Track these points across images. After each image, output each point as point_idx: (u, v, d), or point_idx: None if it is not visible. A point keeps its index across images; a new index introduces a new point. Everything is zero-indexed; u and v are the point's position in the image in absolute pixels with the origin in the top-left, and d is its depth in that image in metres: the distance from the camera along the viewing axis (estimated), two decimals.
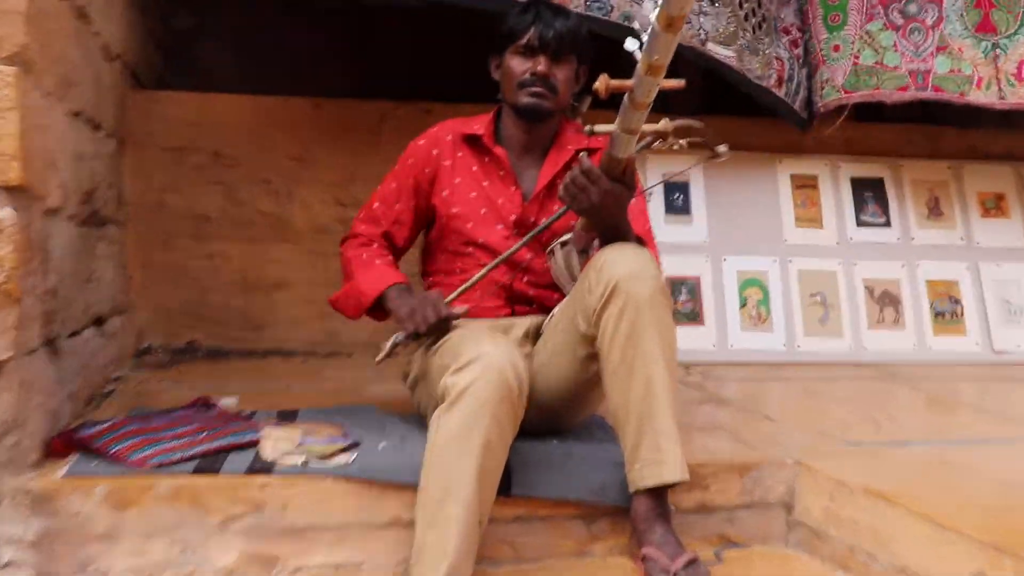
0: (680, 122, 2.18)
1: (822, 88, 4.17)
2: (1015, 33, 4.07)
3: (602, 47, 2.67)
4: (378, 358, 2.38)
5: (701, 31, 3.86)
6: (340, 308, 2.54)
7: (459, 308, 2.33)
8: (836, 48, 4.15)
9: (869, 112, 4.57)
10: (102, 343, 3.04)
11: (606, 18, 3.66)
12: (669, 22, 1.77)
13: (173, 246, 3.96)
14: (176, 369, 3.48)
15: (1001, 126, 4.97)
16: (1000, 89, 4.06)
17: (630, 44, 1.89)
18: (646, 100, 1.96)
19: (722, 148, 2.28)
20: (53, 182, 2.35)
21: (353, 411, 2.69)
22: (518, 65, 2.44)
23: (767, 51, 4.07)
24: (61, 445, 2.22)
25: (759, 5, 4.07)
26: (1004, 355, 4.16)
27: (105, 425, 2.33)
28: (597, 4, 3.67)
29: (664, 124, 2.11)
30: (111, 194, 3.41)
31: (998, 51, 4.08)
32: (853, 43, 4.15)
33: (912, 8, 4.13)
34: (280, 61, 4.68)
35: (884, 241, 4.31)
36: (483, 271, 2.41)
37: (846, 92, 4.15)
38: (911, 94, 4.15)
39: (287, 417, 2.62)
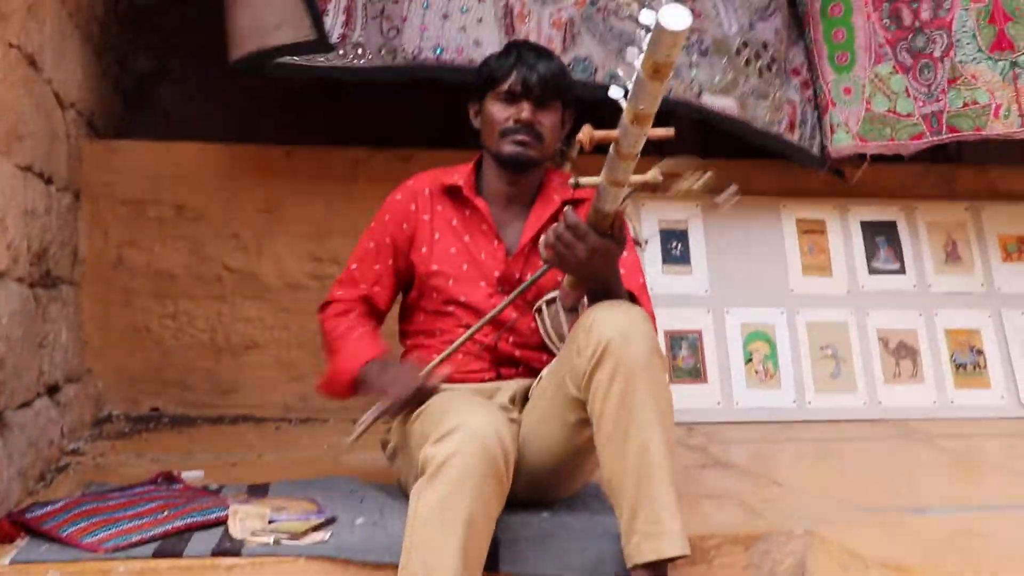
0: (669, 163, 2.17)
1: (832, 132, 4.19)
2: None
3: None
4: (351, 437, 2.38)
5: (694, 83, 3.92)
6: (330, 393, 2.54)
7: (437, 378, 2.33)
8: (847, 90, 4.18)
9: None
10: (56, 414, 3.03)
11: (591, 80, 3.76)
12: (655, 69, 1.77)
13: (134, 306, 3.96)
14: (138, 439, 3.46)
15: (1022, 163, 5.01)
16: (1022, 115, 4.08)
17: (614, 92, 1.90)
18: (633, 151, 1.97)
19: (728, 192, 2.28)
20: (1, 243, 2.36)
21: (329, 483, 2.69)
22: (500, 112, 2.46)
23: (777, 94, 4.11)
24: (9, 528, 2.20)
25: (764, 47, 4.12)
26: None
27: (58, 505, 2.32)
28: (581, 67, 3.74)
29: (653, 174, 2.10)
30: (65, 252, 3.42)
31: (1017, 70, 4.09)
32: (864, 86, 4.18)
33: (919, 42, 4.15)
34: (248, 106, 4.70)
35: (899, 289, 4.32)
36: (466, 335, 2.41)
37: (861, 140, 4.18)
38: (927, 141, 4.18)
39: (257, 491, 2.61)
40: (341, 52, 3.65)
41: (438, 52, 3.68)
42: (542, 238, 2.20)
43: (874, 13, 4.20)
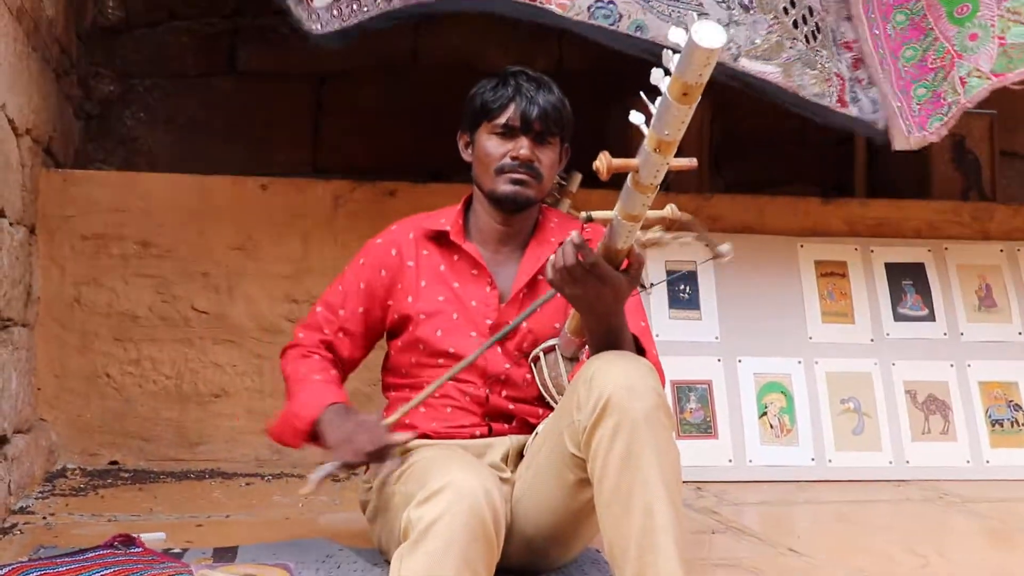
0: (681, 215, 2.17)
1: (963, 84, 4.13)
2: None
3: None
4: (303, 490, 2.35)
5: (732, 43, 3.78)
6: (280, 439, 2.55)
7: (401, 435, 2.32)
8: (973, 36, 4.10)
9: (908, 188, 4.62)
10: (2, 469, 3.03)
11: (614, 28, 3.63)
12: (684, 91, 1.76)
13: (93, 350, 3.97)
14: (94, 496, 3.45)
15: None
16: None
17: (635, 117, 1.89)
18: (653, 182, 1.95)
19: (724, 247, 2.27)
20: None
21: (303, 546, 2.69)
22: (495, 147, 2.47)
23: (827, 64, 4.01)
24: None
25: (811, 12, 3.98)
26: None
27: (2, 573, 2.31)
28: (603, 12, 3.65)
29: (671, 210, 2.09)
30: (17, 291, 3.42)
31: None
32: (993, 25, 4.11)
33: None
34: (220, 135, 4.73)
35: (927, 337, 4.33)
36: (438, 380, 2.39)
37: (997, 75, 4.09)
38: None
39: (225, 555, 2.61)
40: (335, 12, 3.62)
41: None
42: (550, 259, 2.18)
43: None
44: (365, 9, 3.61)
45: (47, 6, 3.75)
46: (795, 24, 3.94)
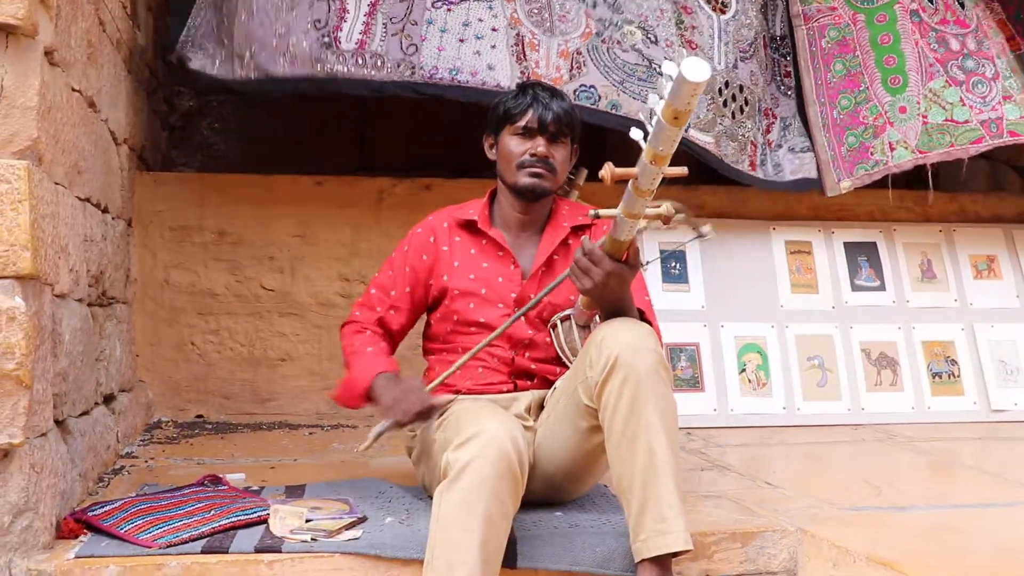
0: (676, 204, 2.20)
1: (892, 149, 4.17)
2: None
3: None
4: (361, 447, 2.39)
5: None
6: (343, 402, 2.55)
7: (442, 397, 2.35)
8: (902, 110, 4.14)
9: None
10: (111, 421, 3.05)
11: (594, 107, 3.77)
12: (675, 116, 1.81)
13: (180, 323, 4.00)
14: (184, 444, 3.47)
15: (990, 189, 5.03)
16: None
17: (635, 134, 1.93)
18: (650, 188, 1.99)
19: (706, 228, 2.31)
20: (63, 267, 2.38)
21: (359, 485, 2.71)
22: (517, 146, 2.48)
23: (747, 134, 4.14)
24: (72, 525, 2.22)
25: (740, 90, 4.13)
26: (1001, 414, 4.17)
27: (115, 504, 2.34)
28: (586, 94, 3.75)
29: (666, 208, 2.12)
30: (119, 274, 3.45)
31: None
32: (919, 103, 4.16)
33: (969, 64, 4.16)
34: (283, 140, 4.74)
35: (879, 304, 4.33)
36: (472, 351, 2.42)
37: (920, 152, 4.16)
38: (987, 144, 4.15)
39: (294, 492, 2.63)
40: (359, 61, 3.64)
41: (453, 73, 3.68)
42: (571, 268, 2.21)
43: (922, 40, 4.20)
44: (388, 70, 3.66)
45: (139, 37, 3.76)
46: (724, 103, 4.10)
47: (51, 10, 2.23)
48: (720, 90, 4.10)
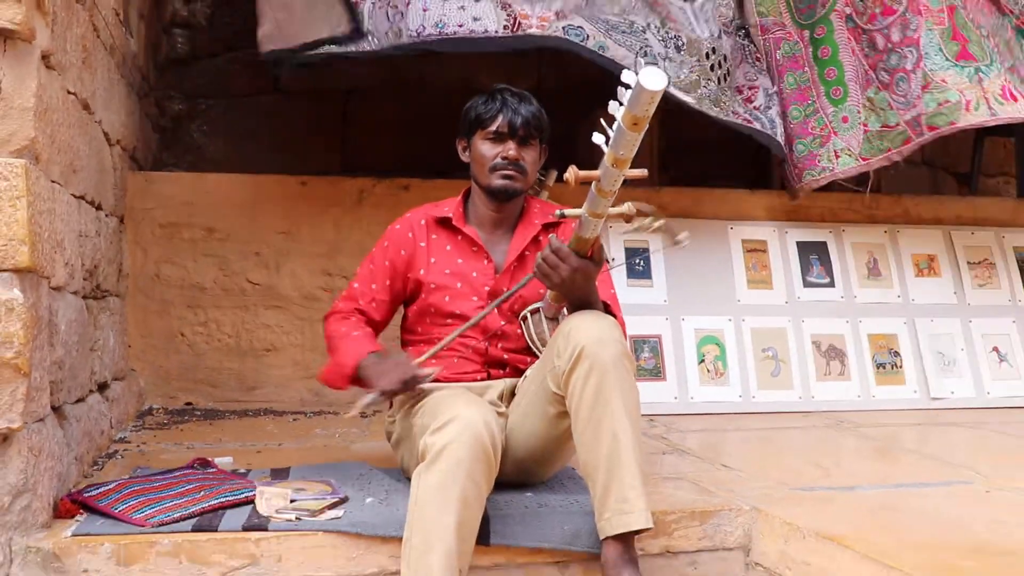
0: (639, 204, 2.21)
1: (837, 157, 4.20)
2: (991, 64, 4.09)
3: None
4: (348, 413, 2.37)
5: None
6: (329, 383, 2.54)
7: (427, 369, 2.35)
8: (845, 119, 4.18)
9: None
10: (105, 408, 3.04)
11: (583, 43, 3.67)
12: (634, 122, 1.83)
13: (169, 315, 3.97)
14: (175, 429, 3.46)
15: (931, 193, 5.09)
16: (990, 107, 4.03)
17: (597, 138, 1.95)
18: (612, 189, 2.01)
19: (682, 235, 2.32)
20: (59, 261, 2.37)
21: (341, 467, 2.71)
22: (488, 150, 2.47)
23: (727, 103, 4.09)
24: (69, 505, 2.22)
25: (724, 59, 4.07)
26: (939, 402, 4.23)
27: (110, 486, 2.33)
28: (574, 32, 3.68)
29: (628, 208, 2.14)
30: (112, 268, 3.43)
31: (980, 75, 4.07)
32: (859, 112, 4.19)
33: (893, 60, 4.15)
34: (267, 142, 4.72)
35: (829, 300, 4.36)
36: (451, 335, 2.43)
37: (864, 159, 4.19)
38: (915, 143, 4.17)
39: (279, 474, 2.63)
40: (354, 47, 3.61)
41: (440, 27, 3.56)
42: (537, 260, 2.22)
43: (856, 46, 4.22)
44: (377, 41, 3.60)
45: (132, 43, 3.73)
46: (712, 68, 4.02)
47: (48, 16, 2.22)
48: (707, 54, 4.00)
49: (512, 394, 2.49)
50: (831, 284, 4.40)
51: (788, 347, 4.20)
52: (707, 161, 5.34)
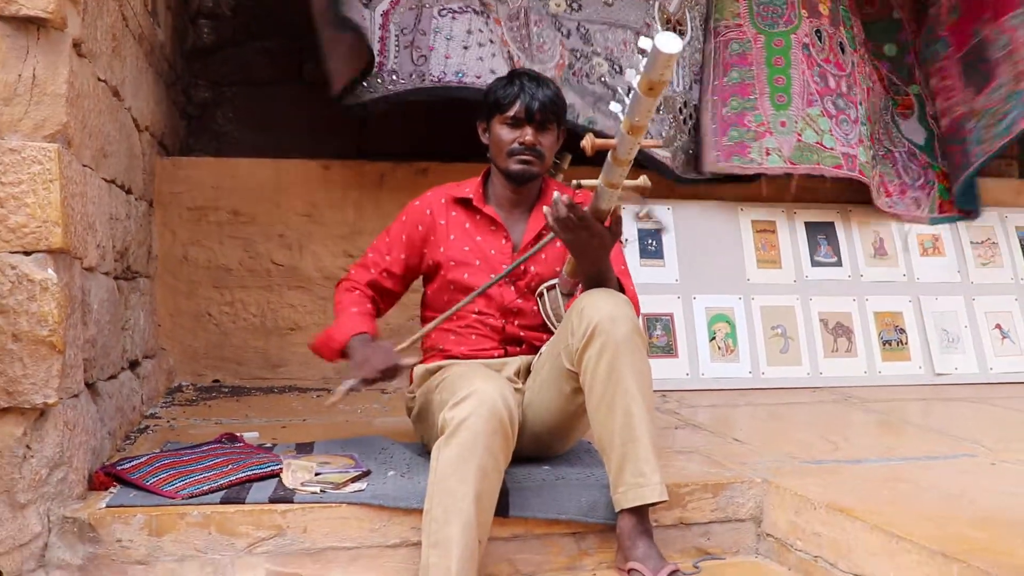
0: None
1: (767, 155, 4.22)
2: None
3: None
4: (328, 400, 2.39)
5: (647, 135, 3.89)
6: (318, 352, 2.55)
7: (409, 359, 2.34)
8: (783, 123, 4.23)
9: None
10: (136, 385, 3.05)
11: (574, 120, 3.80)
12: (650, 87, 1.80)
13: (197, 295, 3.98)
14: (203, 406, 3.47)
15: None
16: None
17: (614, 107, 1.92)
18: (628, 157, 1.99)
19: (648, 209, 2.30)
20: (91, 243, 2.37)
21: (363, 442, 2.71)
22: (506, 135, 2.45)
23: (689, 147, 4.31)
24: (103, 478, 2.23)
25: (686, 105, 4.26)
26: (944, 377, 4.21)
27: (141, 460, 2.34)
28: (567, 111, 3.73)
29: (644, 180, 2.12)
30: (142, 250, 3.43)
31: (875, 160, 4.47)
32: (797, 122, 4.23)
33: (840, 103, 4.32)
34: (291, 128, 4.71)
35: (836, 278, 4.34)
36: (455, 306, 2.43)
37: (791, 163, 4.23)
38: (844, 172, 4.28)
39: (304, 449, 2.64)
40: (380, 80, 3.64)
41: (459, 76, 3.65)
42: (546, 209, 2.17)
43: (808, 71, 4.30)
44: (402, 82, 3.67)
45: (159, 32, 3.72)
46: (684, 121, 4.27)
47: (78, 5, 2.21)
48: (680, 109, 4.21)
49: (528, 370, 2.48)
50: (838, 263, 4.37)
51: (796, 324, 4.19)
52: None
